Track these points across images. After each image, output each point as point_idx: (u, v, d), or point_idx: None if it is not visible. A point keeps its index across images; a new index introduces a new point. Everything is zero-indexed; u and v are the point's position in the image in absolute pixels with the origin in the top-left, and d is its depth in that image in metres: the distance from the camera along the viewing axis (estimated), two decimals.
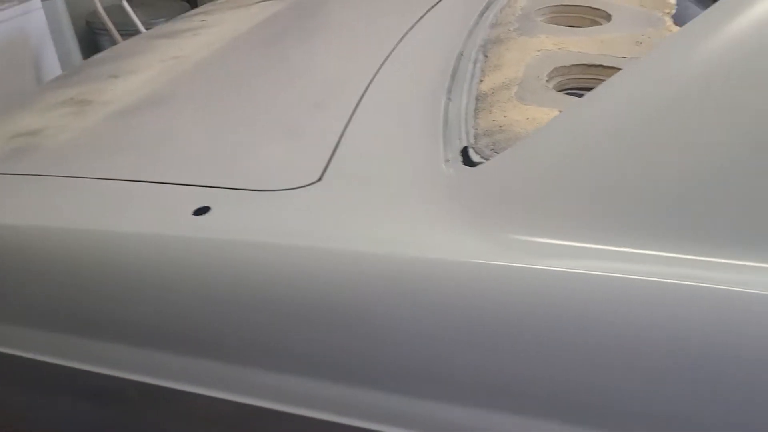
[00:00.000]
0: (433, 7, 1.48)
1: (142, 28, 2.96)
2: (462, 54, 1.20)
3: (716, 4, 0.80)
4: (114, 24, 3.06)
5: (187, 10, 2.17)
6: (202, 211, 0.87)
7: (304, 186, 0.89)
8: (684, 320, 0.69)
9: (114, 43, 2.92)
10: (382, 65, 1.21)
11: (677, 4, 1.40)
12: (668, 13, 1.34)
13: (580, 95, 1.04)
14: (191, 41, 1.57)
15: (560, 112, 0.95)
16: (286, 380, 0.86)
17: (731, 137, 0.70)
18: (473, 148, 0.89)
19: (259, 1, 1.81)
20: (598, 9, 1.35)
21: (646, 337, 0.70)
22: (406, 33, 1.35)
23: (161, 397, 0.92)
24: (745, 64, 0.71)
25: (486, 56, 1.16)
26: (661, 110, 0.73)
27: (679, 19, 1.32)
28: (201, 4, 2.81)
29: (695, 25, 0.80)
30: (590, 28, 1.30)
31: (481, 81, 1.08)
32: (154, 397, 0.92)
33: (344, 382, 0.83)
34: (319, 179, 0.90)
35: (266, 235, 0.83)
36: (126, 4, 3.06)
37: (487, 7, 1.43)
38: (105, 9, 3.09)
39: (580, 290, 0.71)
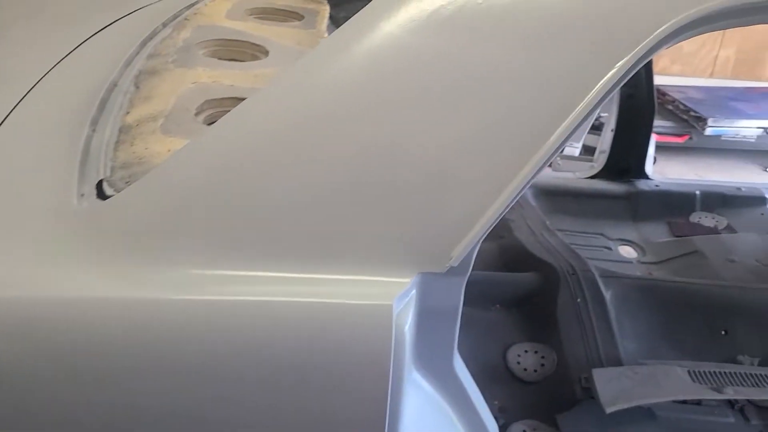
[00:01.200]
0: (94, 34, 1.44)
1: None
2: (116, 84, 1.19)
3: (323, 41, 0.92)
4: None
5: None
6: None
7: None
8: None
9: None
10: (26, 95, 1.15)
11: None
12: None
13: None
14: None
15: None
16: None
17: (323, 169, 0.80)
18: (108, 181, 0.89)
19: None
20: (258, 45, 1.43)
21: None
22: (61, 60, 1.29)
23: None
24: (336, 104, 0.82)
25: (137, 87, 1.16)
26: (263, 140, 0.81)
27: None
28: None
29: (301, 64, 0.90)
30: (248, 62, 1.37)
31: (128, 113, 1.08)
32: None
33: None
34: None
35: None
36: None
37: (150, 37, 1.43)
38: None
39: (196, 316, 0.75)
